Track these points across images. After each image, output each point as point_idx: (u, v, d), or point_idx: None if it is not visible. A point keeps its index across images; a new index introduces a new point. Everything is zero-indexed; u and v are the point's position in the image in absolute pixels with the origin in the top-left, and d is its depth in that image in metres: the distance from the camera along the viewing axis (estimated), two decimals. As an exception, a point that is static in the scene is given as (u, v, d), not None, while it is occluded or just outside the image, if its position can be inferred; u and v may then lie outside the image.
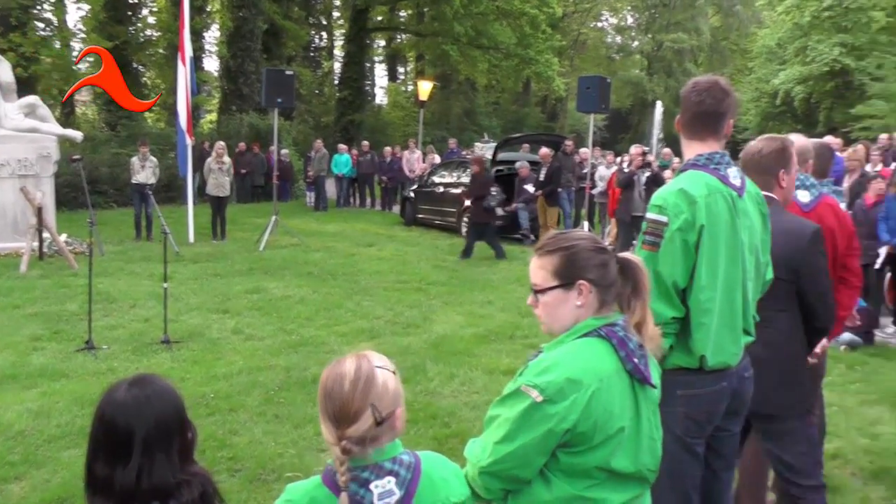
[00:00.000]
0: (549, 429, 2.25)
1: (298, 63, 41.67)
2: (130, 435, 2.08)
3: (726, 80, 3.57)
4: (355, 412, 2.01)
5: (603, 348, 2.35)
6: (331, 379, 2.07)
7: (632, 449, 2.36)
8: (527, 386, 2.28)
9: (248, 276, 12.61)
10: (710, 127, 3.44)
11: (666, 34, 57.67)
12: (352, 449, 2.00)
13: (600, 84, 16.63)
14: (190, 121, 16.59)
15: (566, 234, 2.51)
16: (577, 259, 2.41)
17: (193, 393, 6.82)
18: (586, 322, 2.40)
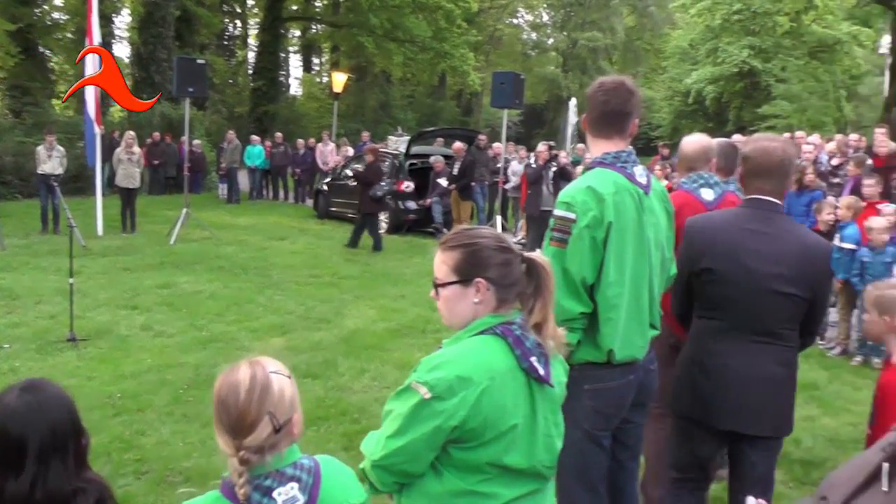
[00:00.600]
0: (437, 425, 2.27)
1: (212, 52, 41.10)
2: (24, 443, 2.03)
3: (632, 81, 3.66)
4: (252, 422, 1.99)
5: (498, 346, 2.37)
6: (225, 388, 2.04)
7: (526, 446, 2.38)
8: (417, 383, 2.30)
9: (159, 270, 12.42)
10: (617, 126, 3.52)
11: (581, 32, 58.30)
12: (250, 459, 1.99)
13: (514, 80, 16.76)
14: (99, 109, 16.25)
15: (470, 231, 2.52)
16: (478, 257, 2.42)
17: (100, 393, 6.75)
18: (483, 320, 2.42)
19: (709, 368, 3.65)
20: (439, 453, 2.35)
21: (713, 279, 3.61)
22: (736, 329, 3.59)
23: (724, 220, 3.75)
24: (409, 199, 17.97)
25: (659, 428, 4.54)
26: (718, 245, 3.61)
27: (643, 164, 3.62)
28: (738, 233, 3.60)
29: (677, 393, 3.80)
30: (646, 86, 55.75)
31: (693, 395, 3.70)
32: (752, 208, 3.64)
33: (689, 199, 4.49)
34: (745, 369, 3.57)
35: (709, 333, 3.69)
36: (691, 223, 3.80)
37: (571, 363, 3.32)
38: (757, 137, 3.78)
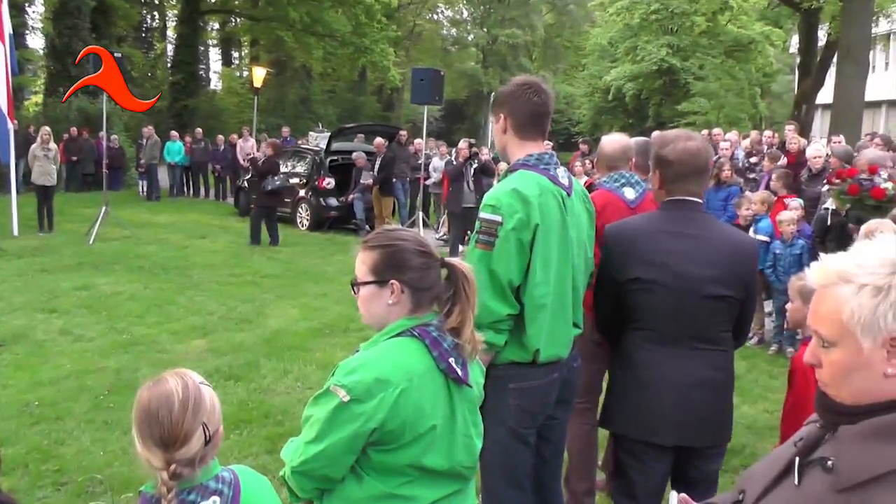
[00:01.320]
0: (356, 428, 2.28)
1: (129, 43, 40.38)
2: None
3: (544, 80, 3.73)
4: (186, 434, 2.00)
5: (415, 348, 2.39)
6: (155, 401, 2.03)
7: (445, 447, 2.42)
8: (335, 386, 2.31)
9: (77, 271, 12.21)
10: (541, 127, 3.58)
11: (501, 29, 58.62)
12: (182, 472, 1.99)
13: (434, 76, 16.82)
14: (11, 103, 15.84)
15: (392, 232, 2.55)
16: (396, 259, 2.44)
17: (16, 401, 6.62)
18: (399, 322, 2.44)
19: (645, 381, 3.52)
20: (359, 457, 2.37)
21: (641, 288, 3.49)
22: (669, 337, 3.49)
23: (645, 225, 3.62)
24: (331, 195, 17.97)
25: (583, 422, 4.68)
26: (644, 252, 3.50)
27: (563, 160, 3.68)
28: (663, 237, 3.50)
29: (620, 414, 3.64)
30: (566, 82, 56.48)
31: (636, 414, 3.54)
32: (676, 210, 3.55)
33: (612, 199, 4.54)
34: (682, 378, 3.46)
35: (641, 344, 3.56)
36: (610, 232, 3.67)
37: (496, 363, 3.42)
38: (672, 137, 3.61)
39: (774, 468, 1.75)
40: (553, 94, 3.64)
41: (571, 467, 4.75)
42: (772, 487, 1.72)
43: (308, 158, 19.10)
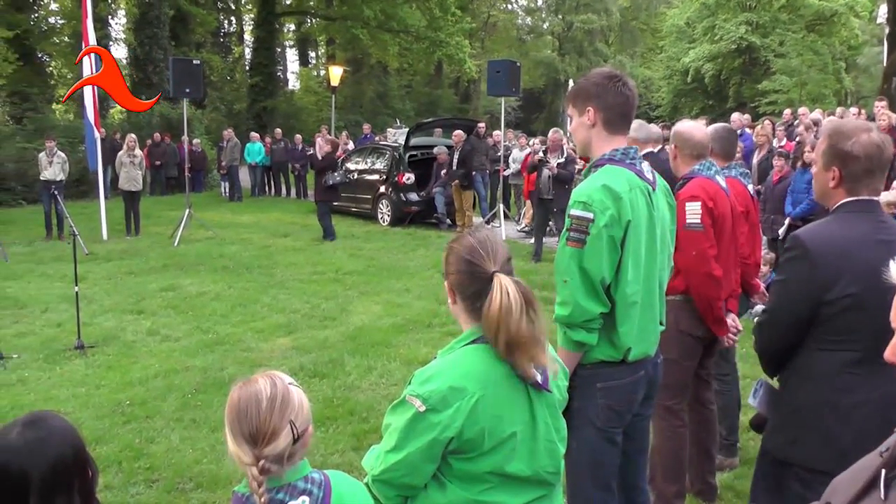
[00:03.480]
0: (433, 437, 2.28)
1: (208, 49, 41.09)
2: (26, 481, 1.99)
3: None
4: (274, 430, 2.02)
5: (490, 354, 2.35)
6: (245, 399, 2.05)
7: (527, 453, 2.38)
8: (411, 396, 2.31)
9: (163, 273, 12.44)
10: (629, 121, 3.48)
11: (576, 15, 58.22)
12: (270, 468, 2.01)
13: (510, 68, 16.72)
14: (97, 113, 16.25)
15: (465, 233, 2.52)
16: (447, 260, 2.48)
17: (109, 401, 6.77)
18: (473, 329, 2.42)
19: (844, 408, 3.04)
20: (441, 464, 2.36)
21: (854, 305, 2.99)
22: (875, 359, 2.80)
23: (848, 231, 3.09)
24: (411, 190, 17.98)
25: (676, 424, 4.57)
26: (857, 265, 2.98)
27: None
28: (870, 246, 3.00)
29: (798, 440, 3.14)
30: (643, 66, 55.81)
31: (825, 443, 3.06)
32: (866, 212, 3.10)
33: (715, 188, 4.46)
34: (891, 402, 2.97)
35: (845, 369, 3.05)
36: (811, 241, 3.07)
37: (583, 362, 3.34)
38: (852, 129, 3.12)
39: (859, 480, 1.65)
40: (635, 86, 3.52)
41: (661, 469, 4.64)
42: (857, 500, 1.63)
43: (387, 154, 19.14)
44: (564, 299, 3.26)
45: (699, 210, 4.36)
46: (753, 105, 35.79)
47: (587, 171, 3.51)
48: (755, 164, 12.45)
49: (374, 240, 15.69)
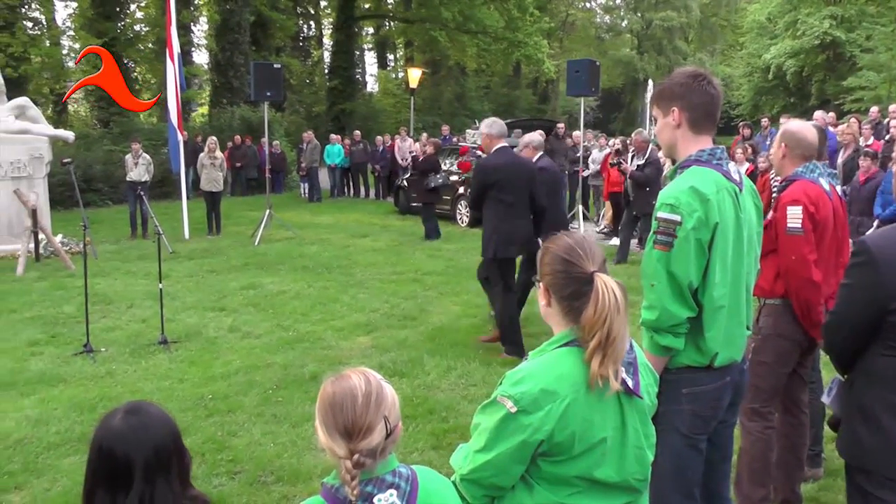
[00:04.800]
0: (523, 439, 2.27)
1: (288, 53, 41.60)
2: (130, 463, 2.07)
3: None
4: (369, 425, 2.03)
5: (582, 359, 2.32)
6: (340, 393, 2.07)
7: (616, 459, 2.36)
8: (502, 396, 2.30)
9: (244, 271, 12.62)
10: (714, 120, 3.40)
11: (655, 12, 57.60)
12: (365, 462, 2.02)
13: (589, 67, 16.58)
14: (180, 116, 16.60)
15: (560, 235, 2.49)
16: (542, 262, 2.45)
17: (192, 394, 6.88)
18: (565, 332, 2.40)
19: None
20: (530, 466, 2.34)
21: None
22: None
23: None
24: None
25: (766, 426, 4.45)
26: None
27: (724, 144, 3.47)
28: None
29: (860, 441, 3.03)
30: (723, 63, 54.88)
31: (886, 447, 2.95)
32: None
33: (819, 191, 4.33)
34: None
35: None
36: (878, 247, 2.94)
37: (669, 367, 3.28)
38: None
39: None
40: (720, 84, 3.44)
41: (747, 472, 4.52)
42: None
43: (467, 156, 19.11)
44: (651, 303, 3.21)
45: (800, 214, 4.23)
46: (837, 103, 34.81)
47: (673, 173, 3.44)
48: (840, 163, 12.11)
49: (453, 241, 15.67)
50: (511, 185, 7.88)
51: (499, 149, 8.05)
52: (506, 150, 8.11)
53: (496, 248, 7.96)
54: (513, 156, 8.30)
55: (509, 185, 7.87)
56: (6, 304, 10.51)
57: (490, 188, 7.91)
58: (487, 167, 8.10)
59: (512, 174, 7.89)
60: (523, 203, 7.98)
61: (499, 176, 7.87)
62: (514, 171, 7.94)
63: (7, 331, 9.29)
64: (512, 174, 7.89)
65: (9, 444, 5.97)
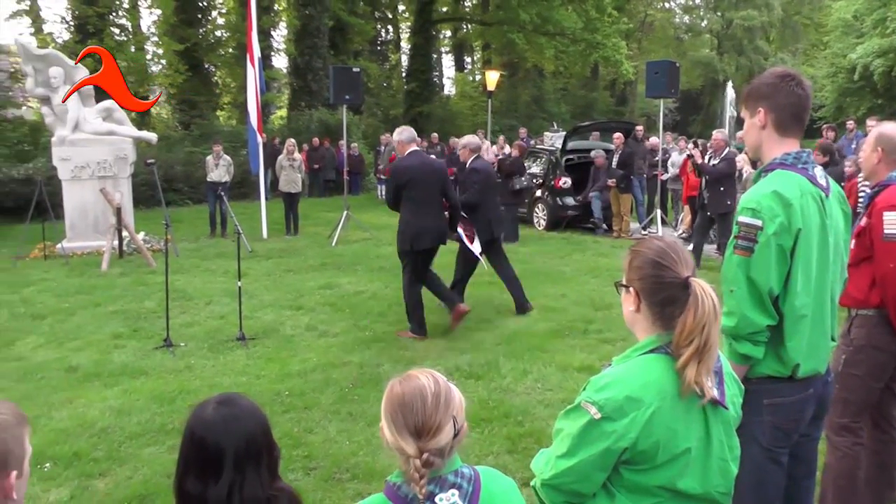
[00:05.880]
0: (607, 446, 2.23)
1: (365, 57, 41.87)
2: (221, 452, 2.13)
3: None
4: (438, 425, 2.05)
5: (669, 367, 2.29)
6: (409, 393, 2.09)
7: (700, 470, 2.32)
8: (586, 402, 2.27)
9: (321, 271, 12.72)
10: (802, 122, 3.30)
11: (735, 11, 56.45)
12: (434, 461, 2.04)
13: (669, 69, 16.40)
14: (260, 119, 16.83)
15: (648, 238, 2.47)
16: (633, 265, 2.41)
17: (269, 390, 6.96)
18: (652, 338, 2.36)
19: None
20: (611, 474, 2.31)
21: None
22: None
23: None
24: (567, 195, 17.80)
25: (854, 442, 4.27)
26: None
27: (807, 147, 3.36)
28: None
29: None
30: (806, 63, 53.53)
31: None
32: None
33: None
34: None
35: None
36: None
37: (749, 377, 3.19)
38: None
39: None
40: (811, 86, 3.32)
41: (833, 490, 4.33)
42: None
43: (544, 158, 19.02)
44: (731, 309, 3.11)
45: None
46: (929, 105, 33.80)
47: (757, 176, 3.34)
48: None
49: (530, 244, 15.57)
50: (421, 184, 8.71)
51: (410, 152, 8.97)
52: (416, 153, 9.04)
53: (411, 241, 8.76)
54: (423, 158, 9.17)
55: (420, 185, 8.70)
56: (91, 299, 10.85)
57: (403, 187, 8.74)
58: (399, 169, 8.97)
59: (421, 174, 8.75)
60: (434, 200, 8.85)
61: (410, 176, 8.72)
62: (424, 171, 8.79)
63: (92, 324, 9.61)
64: (421, 174, 8.75)
65: (94, 432, 6.17)
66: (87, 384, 7.36)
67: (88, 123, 15.55)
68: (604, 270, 12.40)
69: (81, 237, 15.04)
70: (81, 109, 15.54)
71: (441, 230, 8.98)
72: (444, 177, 9.05)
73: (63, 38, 28.64)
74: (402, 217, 8.87)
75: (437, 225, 8.92)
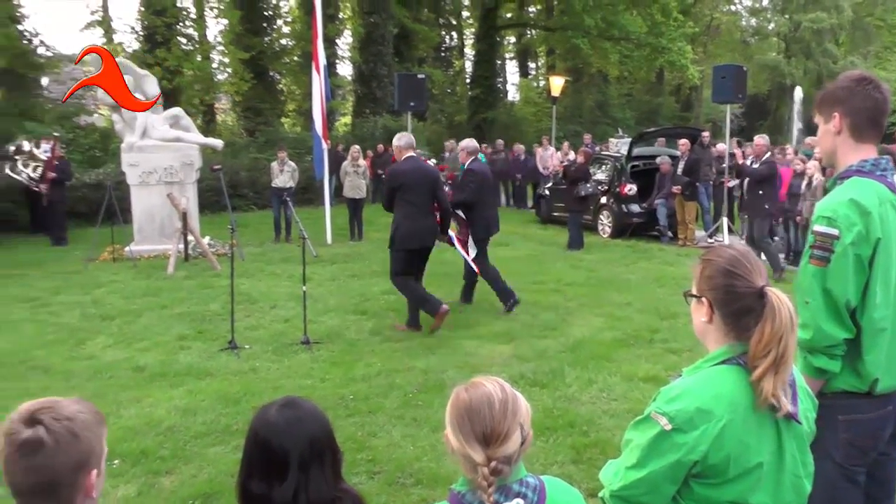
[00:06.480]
0: (677, 458, 2.18)
1: (430, 64, 42.02)
2: (285, 454, 2.15)
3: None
4: (507, 432, 2.03)
5: (739, 378, 2.23)
6: (477, 400, 2.07)
7: (772, 486, 2.25)
8: (657, 413, 2.23)
9: (385, 276, 12.55)
10: (880, 128, 3.18)
11: (804, 14, 55.19)
12: (502, 469, 2.02)
13: (736, 73, 16.15)
14: (325, 126, 16.92)
15: (720, 247, 2.40)
16: (705, 275, 2.34)
17: (333, 394, 6.98)
18: (723, 349, 2.29)
19: None
20: (681, 487, 2.26)
21: None
22: None
23: None
24: (633, 202, 17.61)
25: None
26: None
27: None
28: None
29: None
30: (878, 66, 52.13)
31: None
32: None
33: None
34: None
35: None
36: None
37: (824, 391, 3.07)
38: None
39: None
40: (889, 90, 3.19)
41: None
42: None
43: (609, 165, 18.87)
44: (805, 322, 2.99)
45: None
46: None
47: (832, 184, 3.22)
48: None
49: (595, 251, 15.45)
50: (414, 188, 9.20)
51: (406, 157, 9.46)
52: (412, 159, 9.49)
53: (402, 240, 9.22)
54: (417, 163, 9.61)
55: (412, 188, 9.20)
56: (158, 301, 11.05)
57: (397, 190, 9.28)
58: (395, 172, 9.55)
59: (414, 179, 9.26)
60: (425, 203, 9.30)
61: (403, 180, 9.26)
62: (417, 176, 9.30)
63: (159, 325, 9.79)
64: (414, 179, 9.26)
65: (160, 430, 6.27)
66: (153, 384, 7.50)
67: (156, 130, 15.85)
68: (669, 279, 12.23)
69: (148, 241, 15.35)
70: (150, 117, 15.87)
71: (431, 231, 9.45)
72: (435, 182, 9.52)
73: (133, 48, 29.31)
74: (395, 218, 9.31)
75: (428, 226, 9.37)
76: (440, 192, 9.56)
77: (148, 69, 18.04)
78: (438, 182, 9.65)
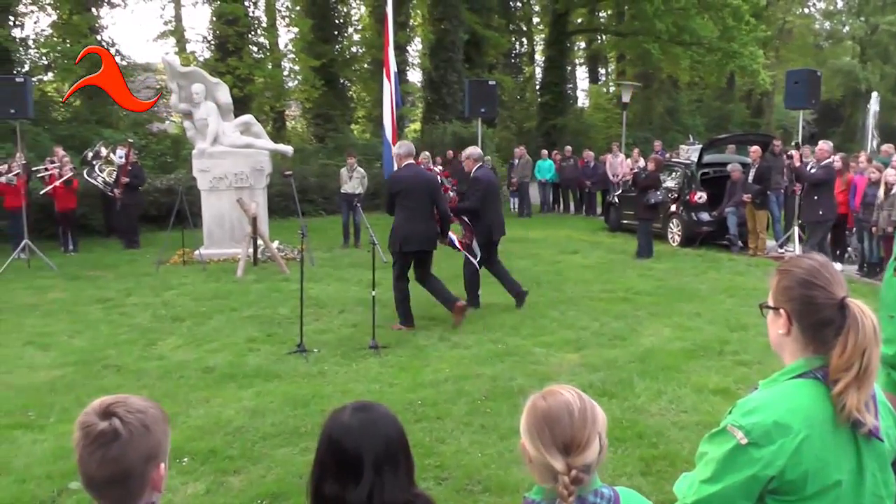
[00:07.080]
0: (753, 473, 2.11)
1: (500, 70, 42.02)
2: (360, 456, 2.15)
3: None
4: (587, 441, 2.03)
5: (818, 392, 2.16)
6: (556, 408, 2.07)
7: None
8: (732, 426, 2.15)
9: (453, 283, 12.54)
10: None
11: (881, 16, 53.79)
12: (583, 478, 2.01)
13: (809, 77, 15.79)
14: (395, 132, 16.98)
15: (798, 258, 2.34)
16: (782, 286, 2.27)
17: (401, 399, 6.98)
18: (800, 361, 2.22)
19: None
20: (757, 503, 2.18)
21: None
22: None
23: None
24: (703, 210, 17.35)
25: None
26: None
27: None
28: None
29: None
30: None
31: None
32: None
33: None
34: None
35: None
36: None
37: None
38: None
39: None
40: None
41: None
42: None
43: (679, 172, 18.63)
44: (890, 337, 2.91)
45: None
46: None
47: None
48: None
49: (664, 260, 15.27)
50: (413, 194, 9.63)
51: (406, 164, 9.93)
52: (411, 166, 9.96)
53: (400, 242, 9.67)
54: (416, 170, 10.05)
55: (411, 194, 9.63)
56: (227, 304, 11.23)
57: (396, 195, 9.71)
58: (395, 178, 10.02)
59: (413, 185, 9.67)
60: (424, 208, 9.71)
61: (403, 186, 9.70)
62: (416, 182, 9.71)
63: (228, 327, 9.95)
64: (413, 185, 9.67)
65: (229, 431, 6.35)
66: (222, 385, 7.61)
67: (227, 137, 16.13)
68: (740, 290, 12.00)
69: (218, 245, 15.63)
70: (221, 123, 16.16)
71: (429, 235, 9.88)
72: (434, 188, 9.88)
73: (205, 57, 29.97)
74: (395, 221, 9.78)
75: (426, 230, 9.80)
76: (439, 198, 9.90)
77: (219, 77, 18.31)
78: (437, 188, 9.97)
